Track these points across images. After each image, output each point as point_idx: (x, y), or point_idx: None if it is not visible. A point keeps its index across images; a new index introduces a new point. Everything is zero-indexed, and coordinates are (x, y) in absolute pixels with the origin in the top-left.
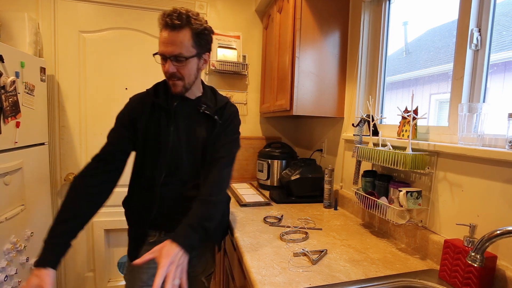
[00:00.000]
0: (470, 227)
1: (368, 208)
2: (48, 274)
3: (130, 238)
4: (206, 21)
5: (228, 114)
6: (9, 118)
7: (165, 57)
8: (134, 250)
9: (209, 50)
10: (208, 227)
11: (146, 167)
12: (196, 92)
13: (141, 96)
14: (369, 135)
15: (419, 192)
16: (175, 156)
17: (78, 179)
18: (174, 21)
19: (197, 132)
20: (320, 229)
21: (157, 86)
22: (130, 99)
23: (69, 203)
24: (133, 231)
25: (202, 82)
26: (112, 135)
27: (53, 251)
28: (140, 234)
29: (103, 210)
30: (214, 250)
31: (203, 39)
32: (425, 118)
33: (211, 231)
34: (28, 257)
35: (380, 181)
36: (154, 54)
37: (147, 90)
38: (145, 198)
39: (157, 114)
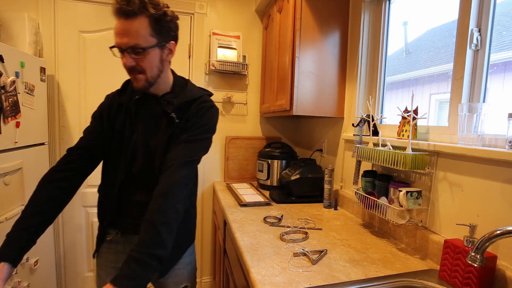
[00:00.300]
0: (470, 227)
1: (368, 208)
2: (0, 269)
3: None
4: (166, 5)
5: (195, 110)
6: (9, 118)
7: (122, 49)
8: (96, 247)
9: (174, 38)
10: (161, 255)
11: (109, 167)
12: (163, 87)
13: (114, 93)
14: (369, 135)
15: (419, 192)
16: (135, 159)
17: (49, 172)
18: (126, 7)
19: (158, 133)
20: (320, 229)
21: (127, 82)
22: (106, 96)
23: (37, 197)
24: (99, 227)
25: (175, 76)
26: (86, 129)
27: (12, 246)
28: (101, 231)
29: None
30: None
31: (164, 26)
32: (425, 118)
33: (169, 256)
34: (28, 257)
35: (380, 181)
36: (110, 48)
37: None
38: (106, 197)
39: (123, 113)
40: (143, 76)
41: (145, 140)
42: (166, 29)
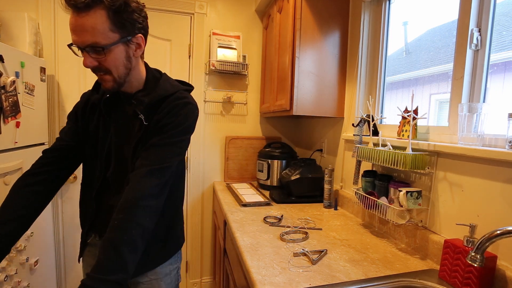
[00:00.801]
0: (470, 227)
1: (368, 208)
2: None
3: None
4: None
5: (167, 109)
6: (9, 118)
7: (80, 48)
8: (80, 251)
9: (141, 30)
10: (120, 279)
11: (87, 170)
12: (136, 84)
13: (89, 92)
14: (369, 135)
15: (419, 192)
16: (110, 163)
17: (22, 177)
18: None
19: (131, 136)
20: (320, 229)
21: None
22: (82, 94)
23: (11, 204)
24: (82, 231)
25: (148, 70)
26: (62, 130)
27: None
28: (84, 234)
29: None
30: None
31: (127, 18)
32: (425, 118)
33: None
34: (28, 257)
35: (380, 181)
36: (68, 45)
37: None
38: (85, 201)
39: (97, 113)
40: (109, 76)
41: (118, 144)
42: (129, 21)
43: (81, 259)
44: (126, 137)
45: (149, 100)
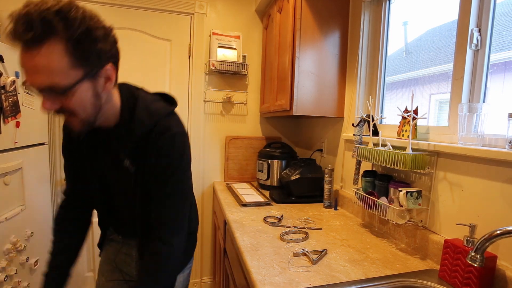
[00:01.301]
0: (470, 227)
1: (368, 208)
2: None
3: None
4: (90, 15)
5: (155, 151)
6: (9, 118)
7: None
8: (100, 242)
9: (110, 59)
10: None
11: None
12: (112, 118)
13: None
14: (369, 135)
15: (419, 192)
16: (106, 199)
17: (54, 223)
18: (24, 33)
19: (122, 177)
20: (320, 229)
21: None
22: (62, 127)
23: (56, 241)
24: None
25: (122, 97)
26: (64, 170)
27: (52, 284)
28: (103, 230)
29: None
30: None
31: (91, 49)
32: (425, 118)
33: None
34: (28, 257)
35: (380, 181)
36: (23, 84)
37: None
38: (99, 215)
39: (83, 147)
40: (76, 118)
41: (110, 181)
42: (94, 52)
43: (100, 251)
44: (117, 177)
45: (130, 142)
